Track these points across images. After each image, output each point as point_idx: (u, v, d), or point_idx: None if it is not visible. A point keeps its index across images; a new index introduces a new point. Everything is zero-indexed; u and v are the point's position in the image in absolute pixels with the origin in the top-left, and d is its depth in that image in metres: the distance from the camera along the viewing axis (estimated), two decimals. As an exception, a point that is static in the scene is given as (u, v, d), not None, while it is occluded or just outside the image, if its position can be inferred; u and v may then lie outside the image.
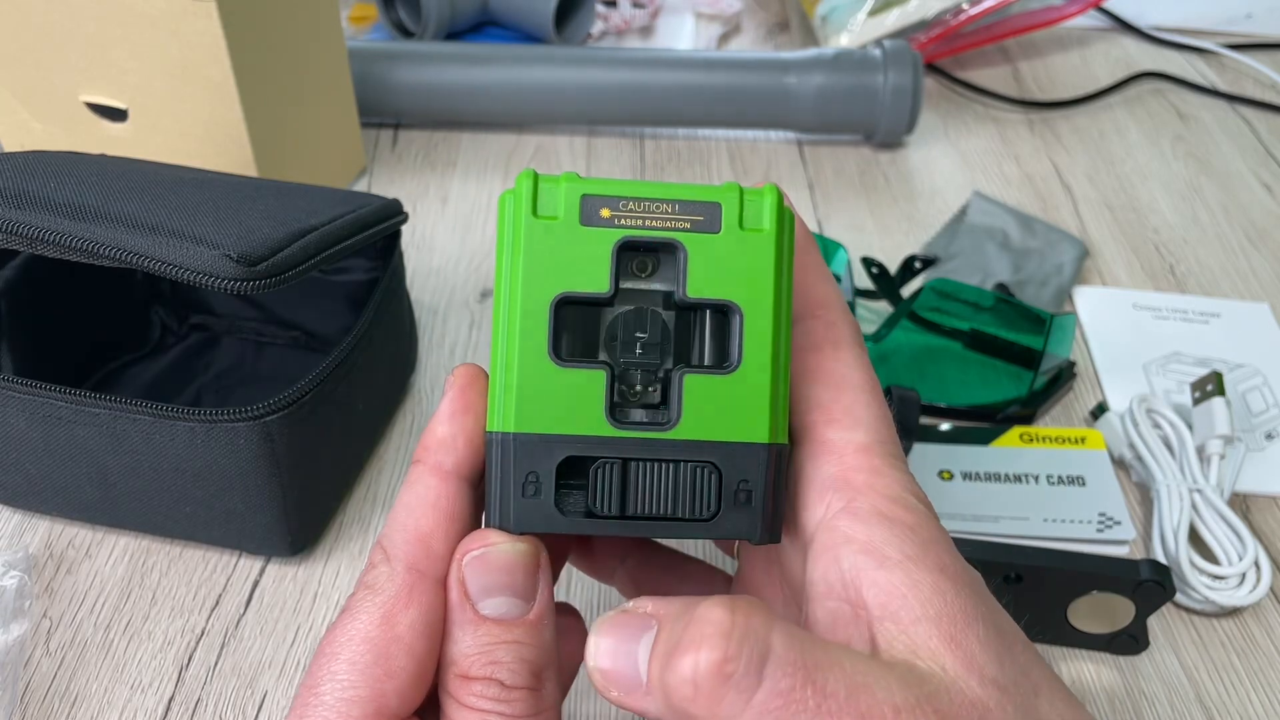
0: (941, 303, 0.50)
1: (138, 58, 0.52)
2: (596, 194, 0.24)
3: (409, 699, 0.24)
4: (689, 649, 0.21)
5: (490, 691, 0.23)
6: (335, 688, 0.23)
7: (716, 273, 0.24)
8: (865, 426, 0.25)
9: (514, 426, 0.24)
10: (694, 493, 0.24)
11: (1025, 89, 0.80)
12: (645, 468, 0.24)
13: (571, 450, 0.24)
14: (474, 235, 0.62)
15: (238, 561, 0.43)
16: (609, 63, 0.69)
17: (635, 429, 0.24)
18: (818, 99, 0.68)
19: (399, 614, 0.24)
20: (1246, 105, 0.78)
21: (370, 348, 0.44)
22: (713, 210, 0.24)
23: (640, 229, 0.24)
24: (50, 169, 0.40)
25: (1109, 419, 0.49)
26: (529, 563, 0.24)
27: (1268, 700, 0.40)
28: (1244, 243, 0.64)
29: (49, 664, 0.39)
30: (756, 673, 0.21)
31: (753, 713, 0.21)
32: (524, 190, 0.24)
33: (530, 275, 0.24)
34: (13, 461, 0.41)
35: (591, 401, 0.24)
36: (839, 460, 0.25)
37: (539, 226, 0.24)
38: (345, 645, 0.24)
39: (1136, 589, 0.38)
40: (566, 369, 0.24)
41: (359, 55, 0.68)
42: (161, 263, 0.36)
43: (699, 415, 0.24)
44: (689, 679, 0.21)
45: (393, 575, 0.24)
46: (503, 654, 0.23)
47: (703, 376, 0.24)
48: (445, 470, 0.25)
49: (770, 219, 0.25)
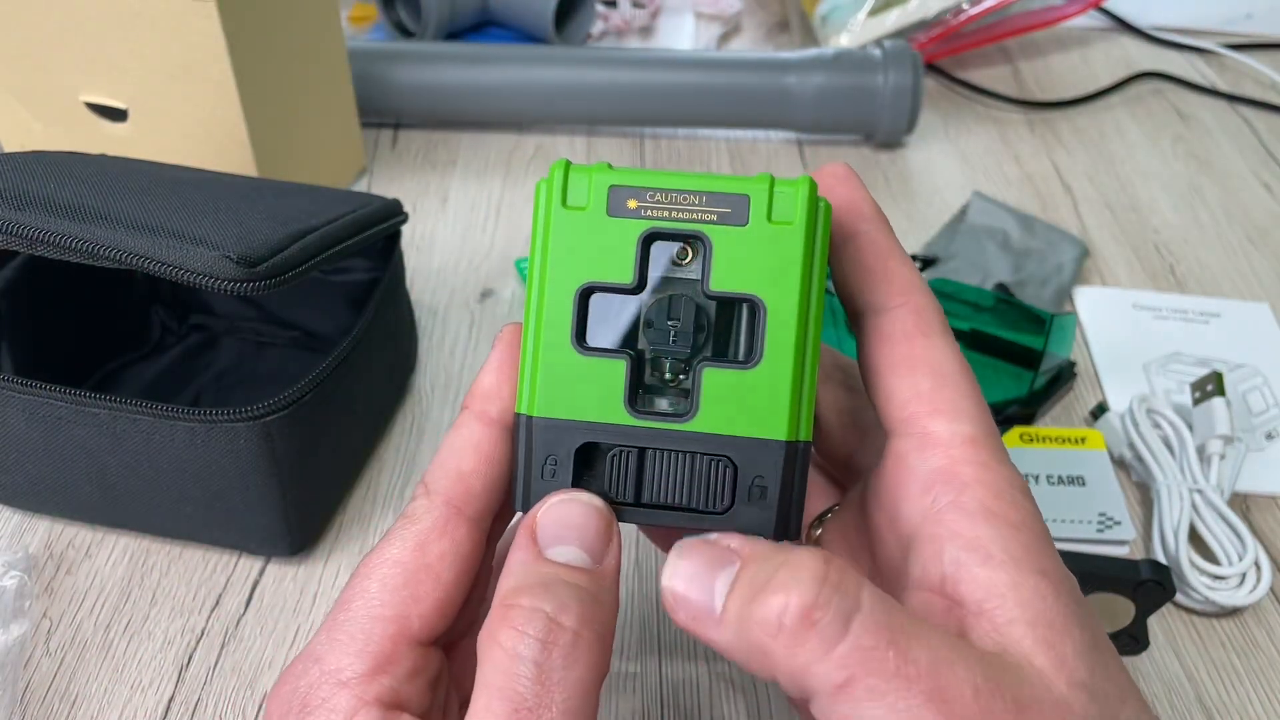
0: (942, 303, 0.50)
1: (138, 58, 0.52)
2: (624, 184, 0.25)
3: (431, 625, 0.25)
4: (779, 589, 0.22)
5: (535, 622, 0.22)
6: (365, 605, 0.25)
7: (741, 266, 0.24)
8: (970, 418, 0.25)
9: (536, 410, 0.25)
10: (708, 485, 0.24)
11: (1025, 89, 0.80)
12: (660, 457, 0.24)
13: (589, 437, 0.24)
14: (474, 235, 0.62)
15: (238, 561, 0.43)
16: (609, 63, 0.69)
17: (653, 419, 0.24)
18: (818, 99, 0.68)
19: (432, 543, 0.25)
20: (1246, 105, 0.78)
21: (370, 348, 0.44)
22: (741, 202, 0.24)
23: (666, 220, 0.24)
24: (50, 169, 0.40)
25: (1109, 419, 0.49)
26: (604, 522, 0.25)
27: (1268, 700, 0.40)
28: (1244, 243, 0.64)
29: (49, 664, 0.39)
30: (843, 625, 0.21)
31: (832, 664, 0.21)
32: (555, 180, 0.25)
33: (557, 264, 0.25)
34: (13, 461, 0.41)
35: (611, 390, 0.24)
36: (946, 453, 0.25)
37: (568, 216, 0.25)
38: (378, 567, 0.25)
39: (1136, 589, 0.38)
40: (588, 357, 0.25)
41: (359, 55, 0.68)
42: (162, 264, 0.36)
43: (717, 408, 0.24)
44: (774, 618, 0.21)
45: (430, 508, 0.25)
46: (561, 590, 0.23)
47: (723, 370, 0.24)
48: (490, 417, 0.26)
49: (801, 212, 0.24)
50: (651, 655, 0.40)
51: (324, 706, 0.24)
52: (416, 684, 0.25)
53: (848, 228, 0.27)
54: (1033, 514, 0.25)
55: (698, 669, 0.40)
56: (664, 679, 0.39)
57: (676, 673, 0.40)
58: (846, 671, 0.21)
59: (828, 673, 0.21)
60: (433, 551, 0.25)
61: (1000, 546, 0.23)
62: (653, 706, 0.39)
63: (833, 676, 0.21)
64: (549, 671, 0.22)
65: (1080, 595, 0.24)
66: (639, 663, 0.40)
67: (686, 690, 0.39)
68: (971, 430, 0.25)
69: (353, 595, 0.25)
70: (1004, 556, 0.23)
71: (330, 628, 0.25)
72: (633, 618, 0.42)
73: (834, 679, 0.21)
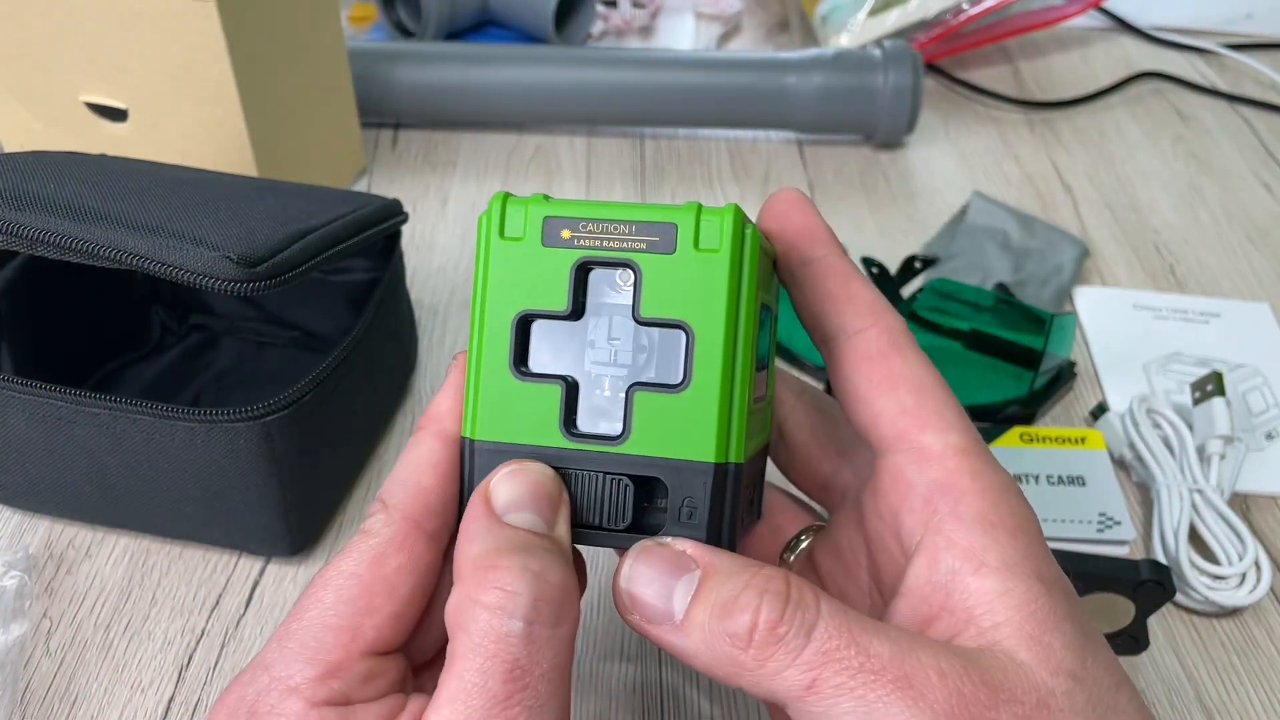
0: (942, 303, 0.50)
1: (138, 58, 0.52)
2: (558, 215, 0.25)
3: (384, 635, 0.25)
4: (747, 607, 0.23)
5: (524, 580, 0.23)
6: (318, 614, 0.25)
7: (670, 293, 0.25)
8: (956, 428, 0.26)
9: (477, 434, 0.26)
10: (626, 506, 0.25)
11: (1025, 89, 0.80)
12: (590, 479, 0.25)
13: (524, 459, 0.25)
14: (474, 235, 0.62)
15: (238, 561, 0.43)
16: (609, 63, 0.69)
17: (586, 442, 0.25)
18: (818, 99, 0.68)
19: (389, 557, 0.25)
20: (1246, 105, 0.78)
21: (370, 348, 0.44)
22: (669, 230, 0.25)
23: (598, 249, 0.25)
24: (50, 169, 0.40)
25: (1109, 419, 0.49)
26: (554, 490, 0.25)
27: (1268, 700, 0.40)
28: (1244, 243, 0.64)
29: (49, 664, 0.39)
30: (805, 635, 0.23)
31: (798, 668, 0.22)
32: (494, 211, 0.26)
33: (495, 293, 0.26)
34: (13, 461, 0.41)
35: (547, 414, 0.25)
36: (941, 465, 0.26)
37: (505, 247, 0.26)
38: (334, 578, 0.25)
39: (1137, 589, 0.38)
40: (525, 382, 0.26)
41: (359, 55, 0.68)
42: (162, 264, 0.36)
43: (648, 431, 0.25)
44: (744, 633, 0.23)
45: (389, 522, 0.26)
46: (538, 549, 0.24)
47: (654, 394, 0.25)
48: (447, 435, 0.27)
49: (726, 239, 0.25)
50: (652, 657, 0.40)
51: (272, 713, 0.24)
52: (370, 688, 0.25)
53: (803, 253, 0.28)
54: (1028, 517, 0.25)
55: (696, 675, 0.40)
56: (664, 675, 0.40)
57: (675, 672, 0.40)
58: (812, 674, 0.22)
59: (795, 677, 0.22)
60: (390, 565, 0.25)
61: (995, 554, 0.24)
62: (653, 706, 0.39)
63: (800, 679, 0.22)
64: (540, 629, 0.22)
65: (1074, 594, 0.25)
66: (638, 662, 0.40)
67: (686, 689, 0.39)
68: (960, 440, 0.26)
69: (306, 605, 0.25)
70: (998, 563, 0.24)
71: (281, 636, 0.25)
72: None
73: (801, 682, 0.22)
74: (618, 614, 0.27)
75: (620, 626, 0.41)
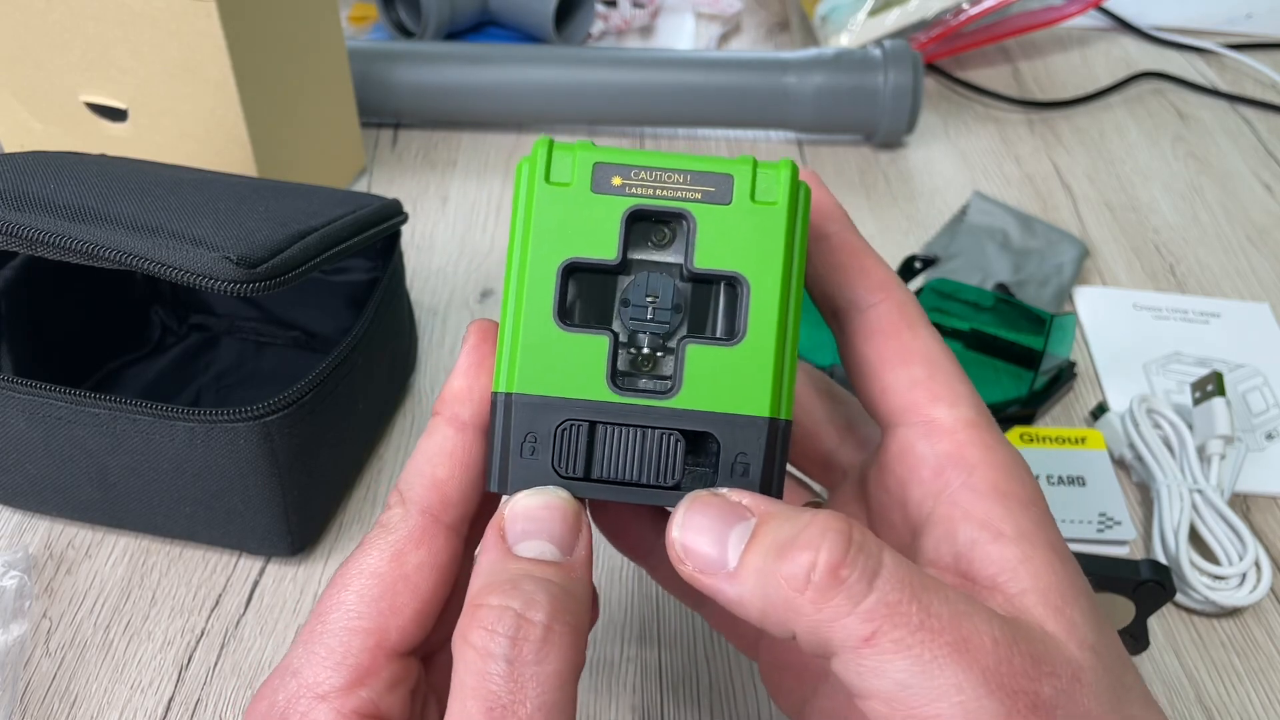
0: (942, 303, 0.50)
1: (138, 58, 0.52)
2: (609, 162, 0.25)
3: (409, 635, 0.25)
4: (807, 546, 0.22)
5: (505, 620, 0.22)
6: (341, 616, 0.24)
7: (725, 244, 0.24)
8: (967, 403, 0.26)
9: (515, 387, 0.24)
10: (675, 462, 0.24)
11: (1025, 89, 0.80)
12: (625, 433, 0.24)
13: (571, 414, 0.24)
14: (474, 235, 0.62)
15: (238, 561, 0.43)
16: (609, 63, 0.69)
17: (636, 395, 0.24)
18: (818, 99, 0.68)
19: (409, 553, 0.25)
20: (1246, 105, 0.78)
21: (370, 348, 0.44)
22: (725, 182, 0.24)
23: (651, 198, 0.24)
24: (50, 170, 0.39)
25: (1109, 419, 0.49)
26: (571, 513, 0.24)
27: (1268, 700, 0.40)
28: (1244, 243, 0.64)
29: (49, 664, 0.39)
30: (868, 582, 0.22)
31: (857, 618, 0.22)
32: (539, 157, 0.25)
33: (540, 240, 0.24)
34: (13, 461, 0.41)
35: (594, 366, 0.24)
36: (951, 437, 0.26)
37: (551, 193, 0.24)
38: (355, 578, 0.25)
39: (1137, 589, 0.38)
40: (571, 333, 0.24)
41: (359, 55, 0.68)
42: (161, 265, 0.36)
43: (700, 385, 0.24)
44: (802, 574, 0.22)
45: (406, 517, 0.25)
46: (528, 586, 0.23)
47: (706, 347, 0.24)
48: (462, 421, 0.26)
49: (783, 193, 0.24)
50: (651, 647, 0.40)
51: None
52: (396, 694, 0.25)
53: (819, 228, 0.28)
54: (1036, 491, 0.26)
55: (697, 662, 0.40)
56: (663, 669, 0.40)
57: (676, 664, 0.40)
58: (872, 625, 0.21)
59: (854, 626, 0.22)
60: (410, 562, 0.25)
61: (1011, 524, 0.24)
62: (653, 699, 0.39)
63: (859, 630, 0.22)
64: (521, 667, 0.22)
65: (1080, 568, 0.25)
66: (639, 654, 0.40)
67: (687, 681, 0.39)
68: (971, 414, 0.26)
69: (329, 606, 0.25)
70: (1015, 533, 0.24)
71: (307, 640, 0.25)
72: (633, 609, 0.42)
73: (860, 632, 0.22)
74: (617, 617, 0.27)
75: (619, 631, 0.41)
